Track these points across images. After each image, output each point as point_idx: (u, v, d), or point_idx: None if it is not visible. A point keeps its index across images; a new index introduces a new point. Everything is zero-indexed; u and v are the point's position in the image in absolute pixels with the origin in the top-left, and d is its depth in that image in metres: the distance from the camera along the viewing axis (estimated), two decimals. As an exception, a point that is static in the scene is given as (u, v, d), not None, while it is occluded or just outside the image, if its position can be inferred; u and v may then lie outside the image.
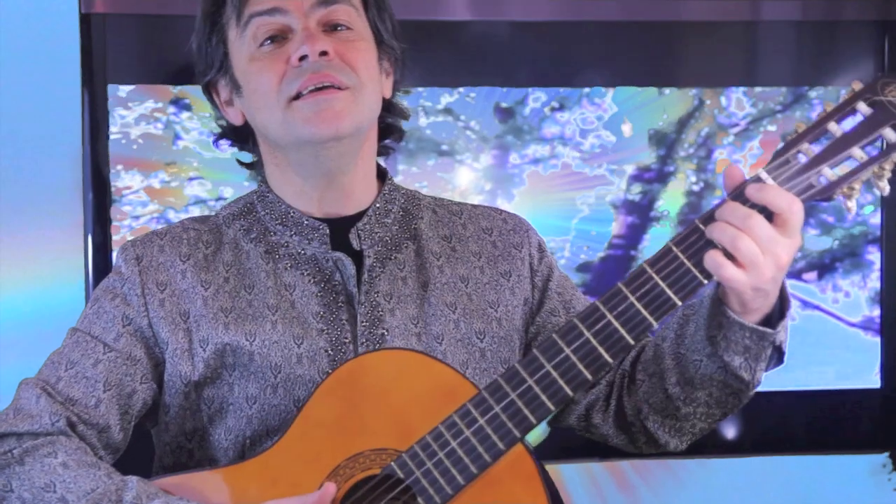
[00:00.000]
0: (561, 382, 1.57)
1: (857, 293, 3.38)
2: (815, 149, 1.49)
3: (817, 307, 3.36)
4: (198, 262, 1.80)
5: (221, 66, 1.80)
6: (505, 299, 1.84)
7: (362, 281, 1.78)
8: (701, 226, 1.52)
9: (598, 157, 3.28)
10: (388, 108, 1.88)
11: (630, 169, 3.28)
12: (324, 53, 1.72)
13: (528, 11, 3.25)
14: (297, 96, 1.71)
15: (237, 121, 1.84)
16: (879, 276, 3.38)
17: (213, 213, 1.90)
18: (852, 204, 1.49)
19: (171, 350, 1.76)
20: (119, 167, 3.11)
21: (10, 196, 3.09)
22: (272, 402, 1.73)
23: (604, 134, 3.29)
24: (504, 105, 3.23)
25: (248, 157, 1.94)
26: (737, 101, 3.34)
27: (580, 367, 1.56)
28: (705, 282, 1.52)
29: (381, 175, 1.90)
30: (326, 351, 1.75)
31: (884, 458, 3.44)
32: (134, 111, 3.10)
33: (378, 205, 1.85)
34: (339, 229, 1.82)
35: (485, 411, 1.58)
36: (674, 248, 1.53)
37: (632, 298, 1.53)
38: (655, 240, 3.29)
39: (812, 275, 3.34)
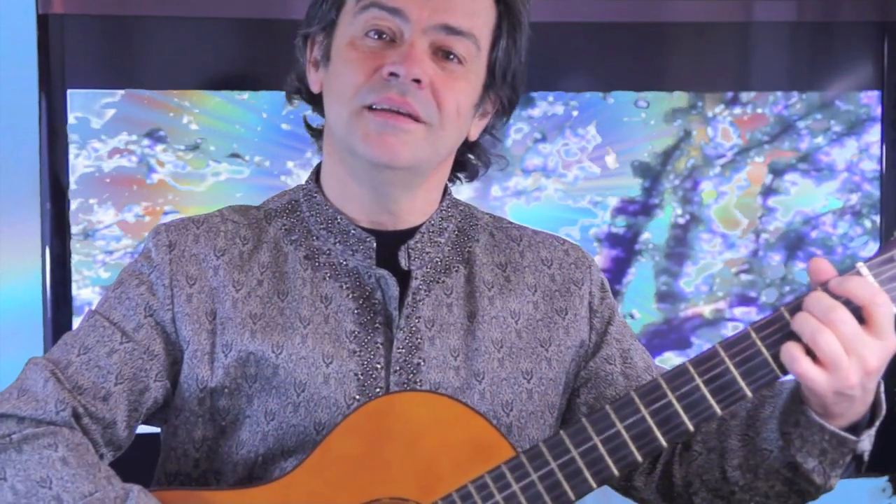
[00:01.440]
0: (608, 460, 1.49)
1: None
2: None
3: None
4: (232, 260, 1.73)
5: (329, 25, 1.72)
6: (558, 338, 1.77)
7: (405, 303, 1.71)
8: (786, 314, 1.43)
9: (582, 190, 3.24)
10: (471, 147, 1.81)
11: (614, 201, 3.24)
12: (416, 80, 1.64)
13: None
14: (370, 106, 1.65)
15: (315, 87, 1.76)
16: None
17: (256, 206, 1.82)
18: None
19: (192, 350, 1.69)
20: (93, 201, 3.05)
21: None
22: (291, 421, 1.67)
23: (587, 165, 3.24)
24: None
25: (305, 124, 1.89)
26: (723, 132, 3.28)
27: (631, 446, 1.48)
28: (781, 375, 1.44)
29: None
30: (356, 375, 1.68)
31: (883, 482, 3.40)
32: (107, 144, 3.05)
33: (433, 222, 1.77)
34: (388, 244, 1.74)
35: (520, 477, 1.51)
36: (752, 334, 1.44)
37: (699, 381, 1.45)
38: (640, 274, 3.25)
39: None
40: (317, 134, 1.84)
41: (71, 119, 3.03)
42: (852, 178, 3.31)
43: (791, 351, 1.41)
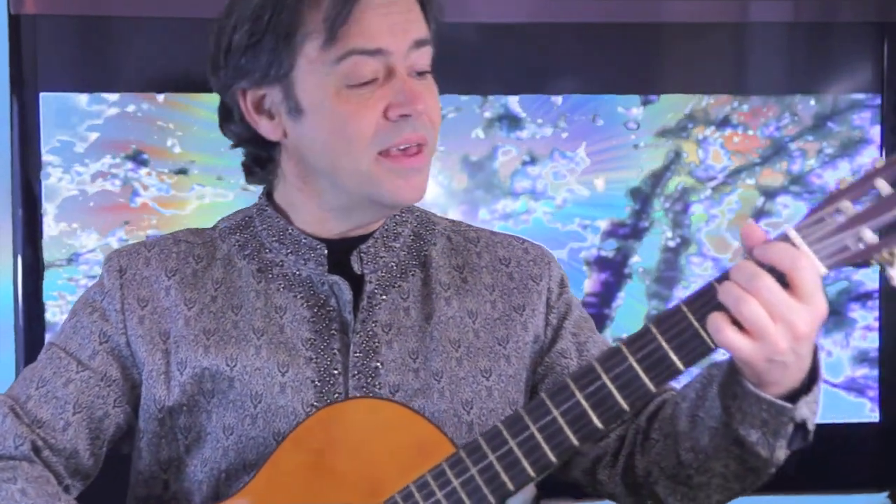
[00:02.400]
0: (545, 447, 1.48)
1: (839, 353, 3.30)
2: (857, 208, 1.39)
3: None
4: (184, 279, 1.75)
5: (279, 78, 1.68)
6: (516, 335, 1.78)
7: (360, 308, 1.73)
8: (716, 285, 1.41)
9: (571, 213, 3.22)
10: None
11: (604, 224, 3.21)
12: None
13: (497, 12, 3.13)
14: (385, 152, 1.66)
15: (275, 136, 1.73)
16: (878, 306, 3.28)
17: (211, 227, 1.85)
18: (894, 273, 1.38)
19: (148, 371, 1.71)
20: (75, 225, 3.01)
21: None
22: (250, 434, 1.68)
23: (576, 188, 3.21)
24: (473, 159, 3.16)
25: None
26: (714, 154, 3.23)
27: (567, 431, 1.47)
28: (713, 347, 1.41)
29: None
30: (313, 381, 1.70)
31: (883, 497, 3.33)
32: (90, 168, 3.01)
33: (386, 226, 1.79)
34: (342, 251, 1.76)
35: (460, 472, 1.51)
36: (683, 308, 1.42)
37: (631, 360, 1.44)
38: (630, 297, 3.22)
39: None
40: (252, 172, 1.83)
41: (54, 142, 3.00)
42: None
43: (715, 321, 1.39)
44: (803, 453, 3.09)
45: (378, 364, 1.72)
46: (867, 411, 3.28)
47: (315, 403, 1.68)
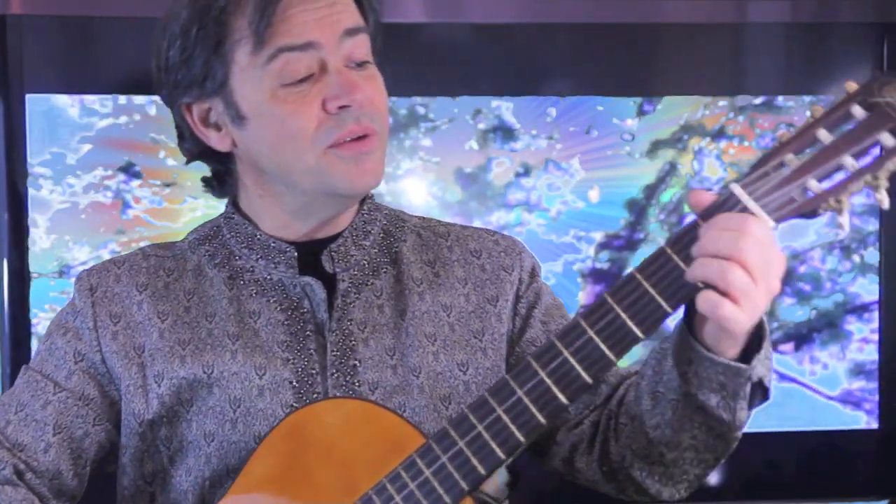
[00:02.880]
0: (512, 428, 1.48)
1: (835, 365, 3.28)
2: (801, 159, 1.41)
3: (793, 380, 3.27)
4: (156, 292, 1.77)
5: (217, 88, 1.70)
6: (491, 327, 1.79)
7: (335, 307, 1.74)
8: (667, 249, 1.43)
9: (565, 224, 3.19)
10: None
11: (599, 236, 3.19)
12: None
13: (490, 13, 3.12)
14: (332, 144, 1.66)
15: (224, 146, 1.75)
16: (878, 315, 3.27)
17: (181, 239, 1.86)
18: (844, 219, 1.39)
19: (125, 386, 1.72)
20: (67, 238, 3.00)
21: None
22: (231, 438, 1.68)
23: (571, 199, 3.19)
24: (467, 170, 3.14)
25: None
26: (709, 165, 3.21)
27: (533, 409, 1.47)
28: (669, 311, 1.43)
29: None
30: (291, 382, 1.70)
31: None
32: (82, 179, 3.00)
33: (355, 225, 1.80)
34: (312, 252, 1.77)
35: (431, 462, 1.51)
36: (637, 276, 1.43)
37: (591, 333, 1.45)
38: None
39: (788, 346, 3.26)
40: (215, 183, 1.84)
41: (45, 154, 2.98)
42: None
43: (710, 298, 1.40)
44: (801, 460, 3.27)
45: (356, 362, 1.72)
46: (864, 424, 3.28)
47: (294, 404, 1.68)
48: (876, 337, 3.26)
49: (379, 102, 1.69)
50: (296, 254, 1.76)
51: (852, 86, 1.41)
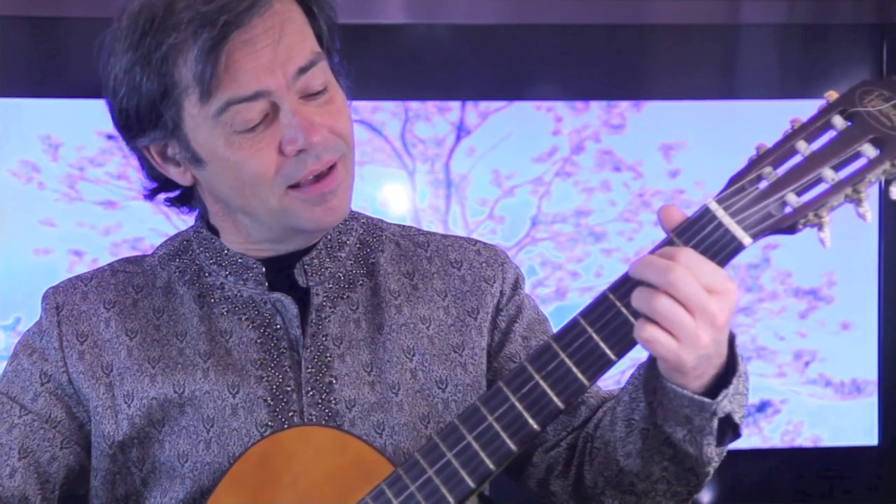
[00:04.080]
0: (483, 455, 1.46)
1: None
2: (780, 172, 1.37)
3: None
4: (124, 310, 1.74)
5: (170, 133, 1.65)
6: (471, 341, 1.75)
7: (309, 322, 1.71)
8: (610, 295, 1.40)
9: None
10: None
11: None
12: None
13: (473, 13, 3.12)
14: (295, 184, 1.63)
15: (185, 181, 1.71)
16: (877, 332, 3.26)
17: (150, 254, 1.83)
18: (825, 235, 1.36)
19: (93, 408, 1.69)
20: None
21: None
22: (205, 459, 1.65)
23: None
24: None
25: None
26: None
27: (504, 436, 1.45)
28: (614, 358, 1.40)
29: None
30: (266, 400, 1.67)
31: None
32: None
33: (330, 236, 1.76)
34: (287, 265, 1.73)
35: (400, 491, 1.48)
36: (610, 296, 1.40)
37: (562, 355, 1.42)
38: None
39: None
40: (185, 201, 1.80)
41: None
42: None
43: (647, 330, 1.36)
44: (800, 476, 3.24)
45: (332, 379, 1.69)
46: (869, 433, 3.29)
47: (269, 423, 1.66)
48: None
49: (341, 127, 1.64)
50: (264, 270, 1.72)
51: (832, 95, 1.38)
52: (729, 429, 1.49)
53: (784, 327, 3.20)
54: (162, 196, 1.77)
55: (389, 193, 3.12)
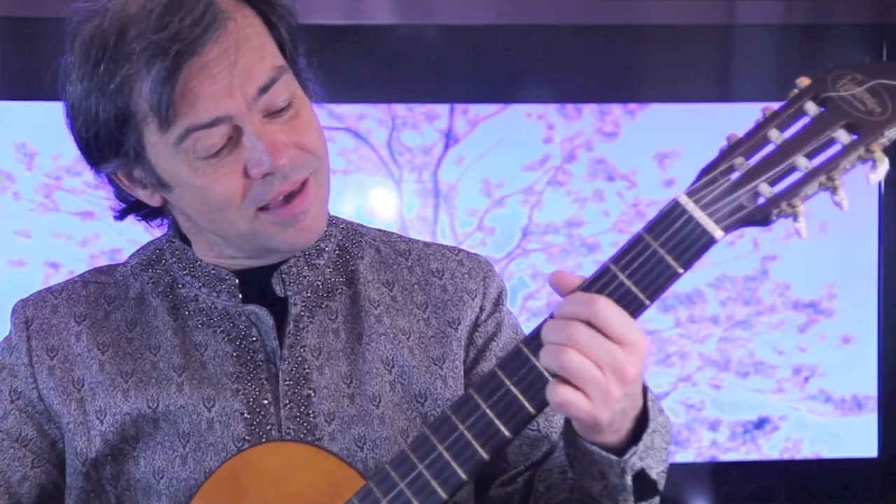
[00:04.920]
0: (454, 465, 1.43)
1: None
2: (752, 162, 1.35)
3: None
4: (95, 322, 1.71)
5: (134, 160, 1.63)
6: (452, 353, 1.73)
7: (287, 333, 1.69)
8: (524, 349, 1.39)
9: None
10: None
11: None
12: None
13: (463, 14, 3.09)
14: (265, 206, 1.61)
15: (154, 202, 1.69)
16: (877, 342, 3.24)
17: (123, 262, 1.81)
18: (800, 225, 1.34)
19: (65, 424, 1.68)
20: None
21: None
22: (181, 475, 1.64)
23: None
24: None
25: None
26: None
27: (476, 445, 1.43)
28: (534, 412, 1.38)
29: None
30: (243, 414, 1.65)
31: None
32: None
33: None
34: (264, 275, 1.71)
35: None
36: (499, 373, 1.40)
37: (461, 428, 1.42)
38: None
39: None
40: (156, 215, 1.78)
41: None
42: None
43: (558, 391, 1.35)
44: (798, 489, 3.25)
45: (310, 391, 1.67)
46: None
47: (247, 437, 1.64)
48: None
49: (310, 143, 1.61)
50: (237, 282, 1.70)
51: (804, 81, 1.35)
52: (650, 486, 1.48)
53: (783, 341, 3.19)
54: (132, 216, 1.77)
55: (376, 203, 3.08)
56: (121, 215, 1.74)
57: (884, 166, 1.32)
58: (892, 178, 3.09)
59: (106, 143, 1.60)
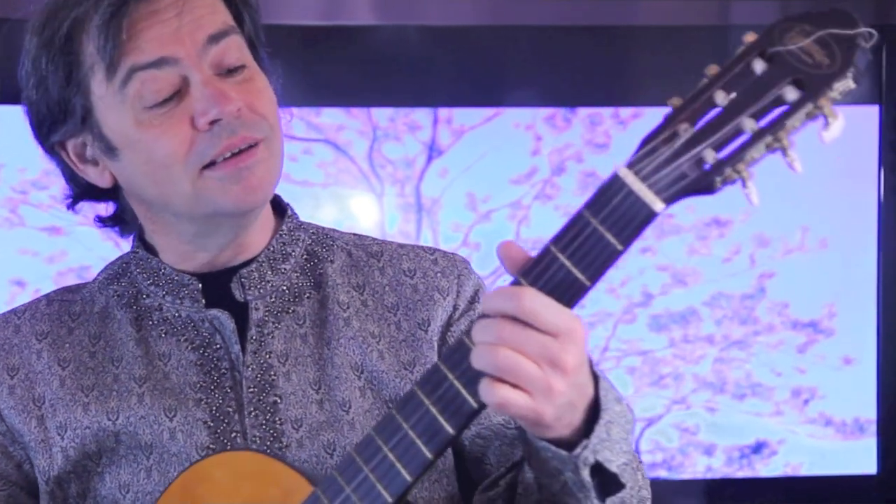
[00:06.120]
0: (399, 467, 1.41)
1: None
2: (697, 128, 1.29)
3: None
4: (57, 339, 1.71)
5: (82, 121, 1.63)
6: (422, 356, 1.71)
7: (249, 339, 1.68)
8: (466, 340, 1.35)
9: None
10: None
11: None
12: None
13: (447, 14, 3.09)
14: (210, 163, 1.60)
15: (104, 182, 1.68)
16: (875, 363, 3.22)
17: (92, 280, 1.81)
18: (750, 190, 1.27)
19: (27, 443, 1.68)
20: None
21: None
22: (146, 488, 1.63)
23: None
24: None
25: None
26: None
27: (419, 443, 1.41)
28: (477, 407, 1.35)
29: (281, 210, 1.79)
30: (206, 423, 1.65)
31: None
32: None
33: (273, 247, 1.72)
34: (225, 281, 1.71)
35: None
36: (441, 366, 1.37)
37: (405, 427, 1.40)
38: None
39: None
40: (116, 223, 1.78)
41: None
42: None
43: (483, 383, 1.32)
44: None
45: (276, 398, 1.66)
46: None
47: (211, 446, 1.64)
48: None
49: (262, 107, 1.62)
50: (200, 286, 1.70)
51: (751, 36, 1.29)
52: (610, 480, 1.46)
53: (781, 362, 3.17)
54: (88, 207, 1.75)
55: (356, 218, 3.07)
56: (73, 202, 1.74)
57: (837, 123, 1.25)
58: (893, 185, 3.09)
59: (55, 105, 1.61)
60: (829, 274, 3.17)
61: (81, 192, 1.73)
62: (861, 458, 3.25)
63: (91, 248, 2.88)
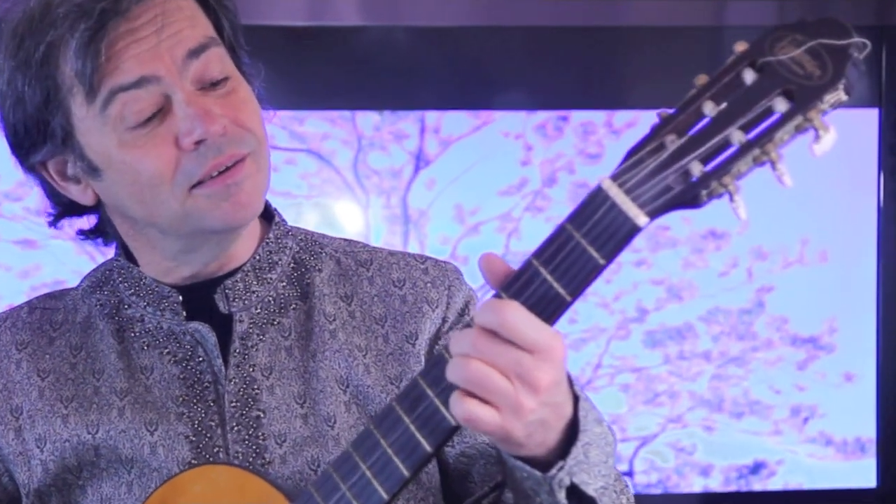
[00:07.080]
0: (375, 484, 1.42)
1: None
2: (684, 139, 1.28)
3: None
4: (38, 349, 1.71)
5: (63, 142, 1.61)
6: (409, 371, 1.69)
7: (232, 352, 1.67)
8: (446, 354, 1.35)
9: None
10: None
11: None
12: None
13: (435, 15, 3.08)
14: (198, 182, 1.59)
15: (87, 200, 1.68)
16: (875, 379, 3.22)
17: (76, 286, 1.80)
18: (738, 204, 1.26)
19: (5, 456, 1.67)
20: None
21: None
22: (127, 502, 1.62)
23: None
24: None
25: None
26: None
27: (397, 461, 1.41)
28: (454, 423, 1.35)
29: (269, 216, 1.76)
30: (188, 437, 1.64)
31: None
32: None
33: (258, 256, 1.71)
34: (208, 292, 1.70)
35: None
36: (421, 381, 1.37)
37: (383, 444, 1.40)
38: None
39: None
40: (100, 233, 1.77)
41: None
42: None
43: (453, 397, 1.32)
44: None
45: (259, 413, 1.66)
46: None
47: (192, 461, 1.64)
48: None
49: (247, 120, 1.61)
50: (180, 298, 1.69)
51: (741, 46, 1.29)
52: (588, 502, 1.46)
53: (780, 379, 3.16)
54: (67, 223, 1.74)
55: (341, 230, 3.03)
56: (55, 220, 1.73)
57: (829, 136, 1.23)
58: (892, 190, 3.05)
59: (34, 125, 1.60)
60: (829, 288, 3.17)
61: (63, 209, 1.72)
62: (861, 479, 3.25)
63: (65, 262, 2.89)
